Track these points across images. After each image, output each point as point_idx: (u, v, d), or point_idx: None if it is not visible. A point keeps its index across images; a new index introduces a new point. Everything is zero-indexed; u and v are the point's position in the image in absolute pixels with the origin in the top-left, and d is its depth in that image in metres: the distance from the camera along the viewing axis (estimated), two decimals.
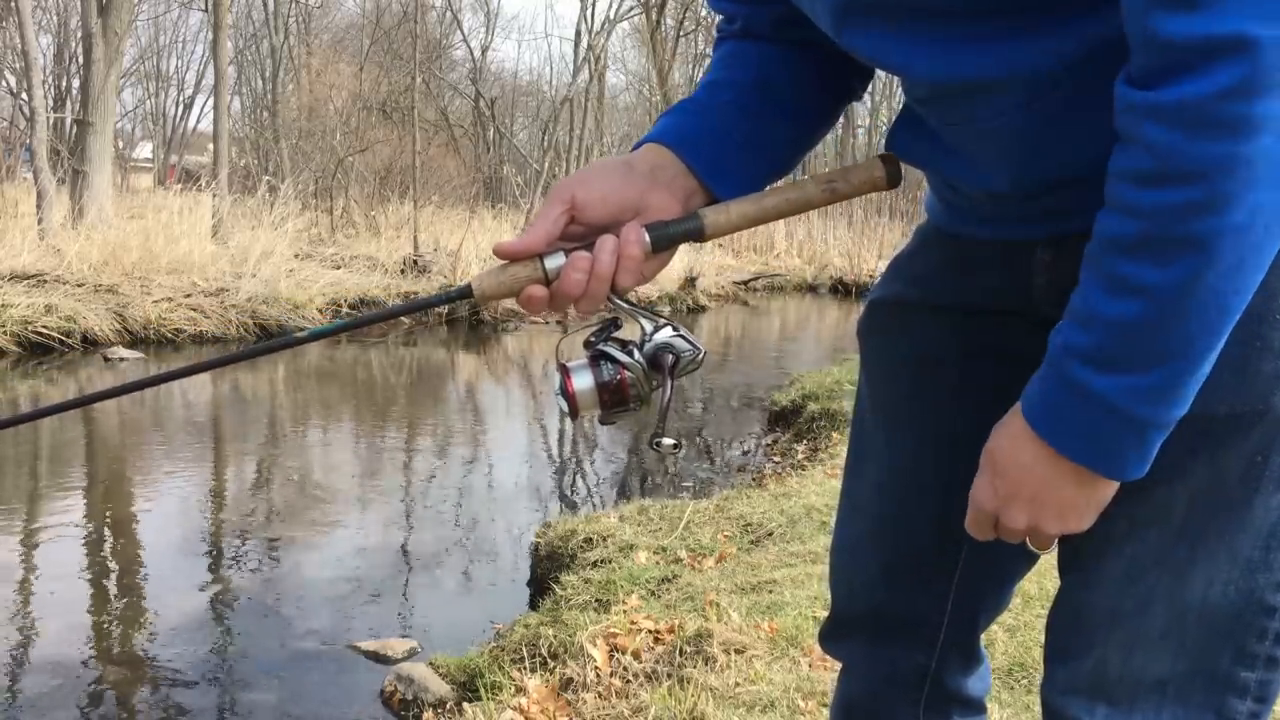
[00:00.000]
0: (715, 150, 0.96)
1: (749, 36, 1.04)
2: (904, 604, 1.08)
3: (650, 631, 2.86)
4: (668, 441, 0.92)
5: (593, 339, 0.93)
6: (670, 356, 0.91)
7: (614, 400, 0.92)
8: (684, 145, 0.95)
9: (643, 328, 0.93)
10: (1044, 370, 0.82)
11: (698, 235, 0.92)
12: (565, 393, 0.92)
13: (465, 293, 0.90)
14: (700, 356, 0.93)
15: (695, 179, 0.95)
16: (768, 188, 0.97)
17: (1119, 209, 0.74)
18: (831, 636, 1.16)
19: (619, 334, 0.94)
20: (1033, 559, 1.09)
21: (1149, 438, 0.78)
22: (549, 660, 2.86)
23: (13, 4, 13.47)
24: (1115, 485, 0.82)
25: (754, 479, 5.47)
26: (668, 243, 0.91)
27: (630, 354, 0.91)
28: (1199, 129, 0.69)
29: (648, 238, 0.90)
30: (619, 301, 0.92)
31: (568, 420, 7.91)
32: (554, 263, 0.88)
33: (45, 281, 9.22)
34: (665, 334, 0.92)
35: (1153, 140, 0.71)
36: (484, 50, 28.96)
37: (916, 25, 0.84)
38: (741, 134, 0.98)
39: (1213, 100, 0.68)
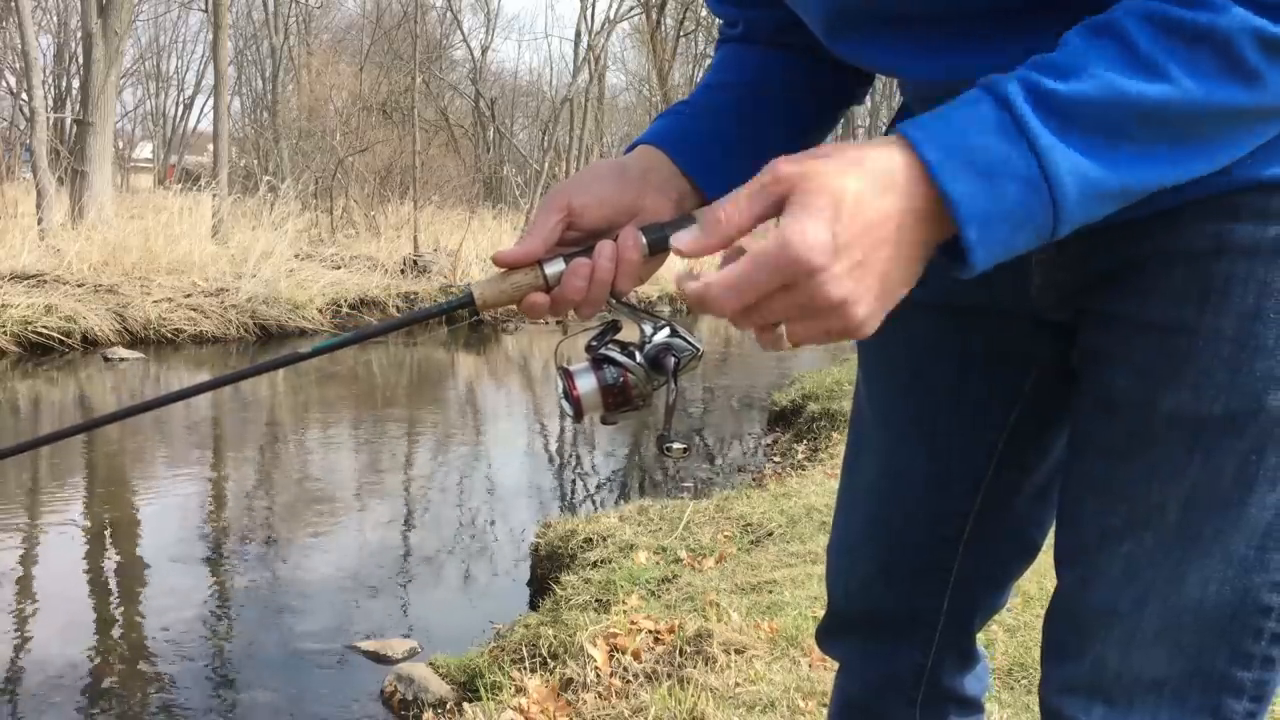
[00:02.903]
0: (708, 153, 0.96)
1: (750, 40, 1.04)
2: (900, 603, 1.08)
3: (650, 631, 2.86)
4: (677, 445, 0.92)
5: (594, 342, 0.94)
6: (672, 358, 0.92)
7: (618, 402, 0.93)
8: (676, 148, 0.96)
9: (642, 330, 0.94)
10: (957, 104, 0.69)
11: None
12: (570, 397, 0.92)
13: (467, 302, 0.90)
14: (699, 355, 0.94)
15: (688, 181, 0.95)
16: None
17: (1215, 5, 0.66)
18: (828, 635, 1.16)
19: (619, 336, 0.95)
20: (1029, 558, 1.09)
21: (1031, 227, 0.68)
22: (549, 660, 2.86)
23: (13, 4, 13.47)
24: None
25: (754, 479, 5.48)
26: (664, 245, 0.91)
27: (632, 356, 0.93)
28: None
29: (644, 241, 0.90)
30: (619, 304, 0.92)
31: (568, 420, 7.85)
32: (554, 269, 0.89)
33: (45, 281, 9.23)
34: (664, 335, 0.93)
35: None
36: (484, 50, 28.95)
37: (907, 29, 0.84)
38: (735, 137, 0.98)
39: None
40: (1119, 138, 0.67)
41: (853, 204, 0.66)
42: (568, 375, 0.93)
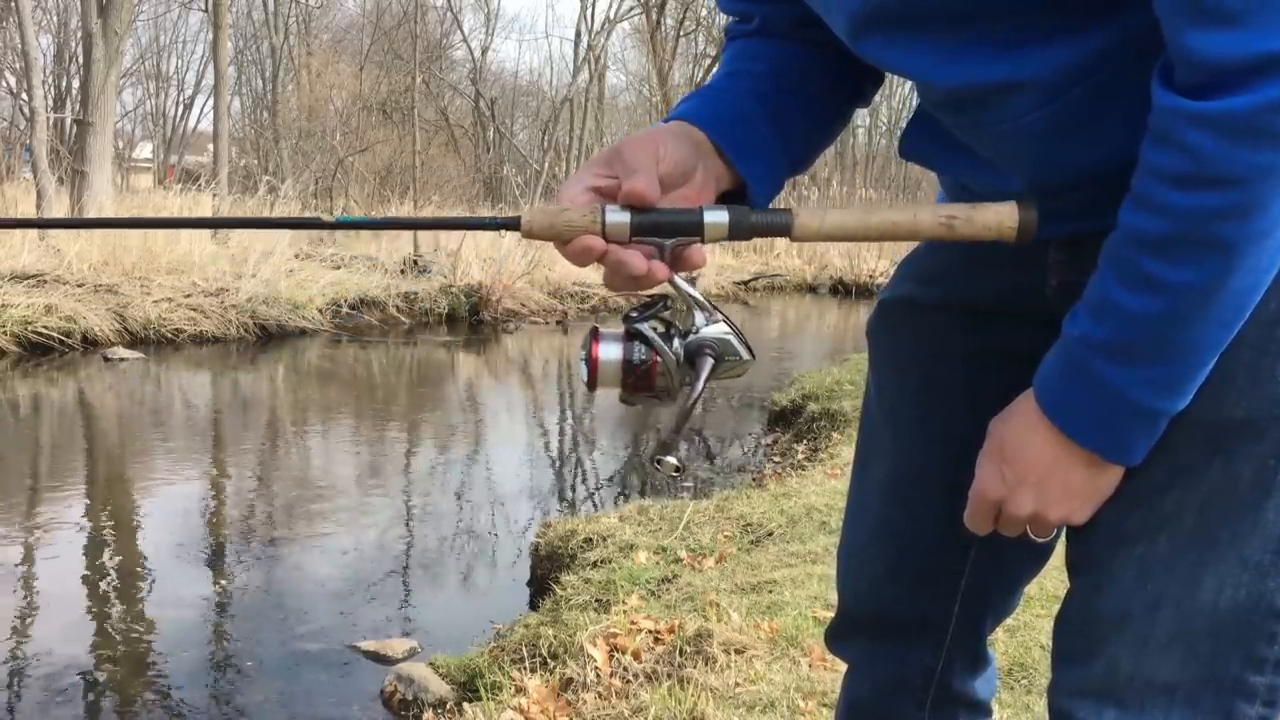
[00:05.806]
0: (741, 132, 0.94)
1: (764, 35, 1.03)
2: (910, 605, 1.07)
3: (650, 631, 2.86)
4: (670, 460, 0.82)
5: (634, 314, 0.86)
6: (710, 359, 0.83)
7: (638, 384, 0.84)
8: (711, 125, 0.93)
9: (694, 318, 0.85)
10: (1057, 356, 0.82)
11: (784, 231, 0.85)
12: (589, 358, 0.84)
13: (513, 224, 0.84)
14: (745, 364, 0.85)
15: (722, 160, 0.92)
16: (867, 204, 0.93)
17: (1149, 206, 0.74)
18: (838, 636, 1.16)
19: (665, 315, 0.86)
20: (1041, 562, 1.08)
21: (1158, 426, 0.80)
22: (549, 660, 2.85)
23: (13, 4, 13.47)
24: (1120, 472, 0.83)
25: (754, 479, 5.47)
26: (748, 233, 0.84)
27: (669, 341, 0.84)
28: (1242, 138, 0.69)
29: (728, 219, 0.84)
30: (680, 283, 0.85)
31: (568, 421, 7.91)
32: (615, 218, 0.82)
33: (45, 281, 9.21)
34: (717, 330, 0.84)
35: (1193, 144, 0.71)
36: (484, 50, 28.96)
37: (933, 33, 0.83)
38: (762, 119, 0.96)
39: (1260, 113, 0.68)
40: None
41: (1012, 444, 0.88)
42: (595, 337, 0.85)
